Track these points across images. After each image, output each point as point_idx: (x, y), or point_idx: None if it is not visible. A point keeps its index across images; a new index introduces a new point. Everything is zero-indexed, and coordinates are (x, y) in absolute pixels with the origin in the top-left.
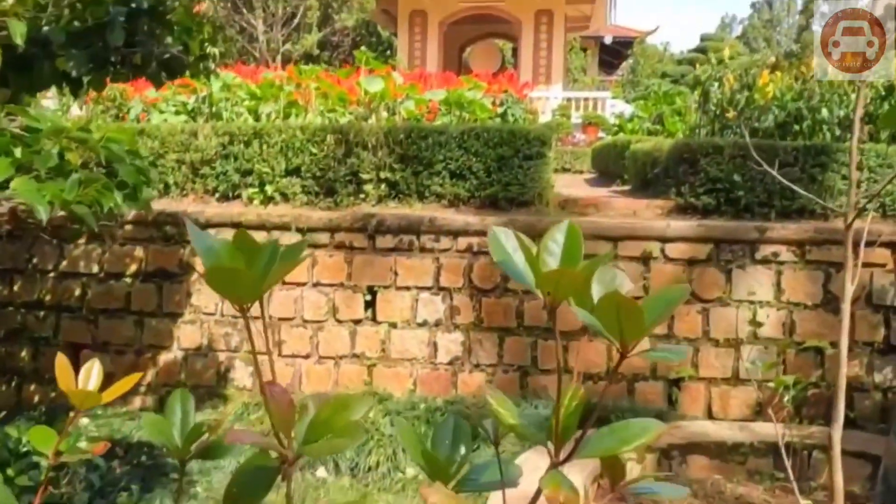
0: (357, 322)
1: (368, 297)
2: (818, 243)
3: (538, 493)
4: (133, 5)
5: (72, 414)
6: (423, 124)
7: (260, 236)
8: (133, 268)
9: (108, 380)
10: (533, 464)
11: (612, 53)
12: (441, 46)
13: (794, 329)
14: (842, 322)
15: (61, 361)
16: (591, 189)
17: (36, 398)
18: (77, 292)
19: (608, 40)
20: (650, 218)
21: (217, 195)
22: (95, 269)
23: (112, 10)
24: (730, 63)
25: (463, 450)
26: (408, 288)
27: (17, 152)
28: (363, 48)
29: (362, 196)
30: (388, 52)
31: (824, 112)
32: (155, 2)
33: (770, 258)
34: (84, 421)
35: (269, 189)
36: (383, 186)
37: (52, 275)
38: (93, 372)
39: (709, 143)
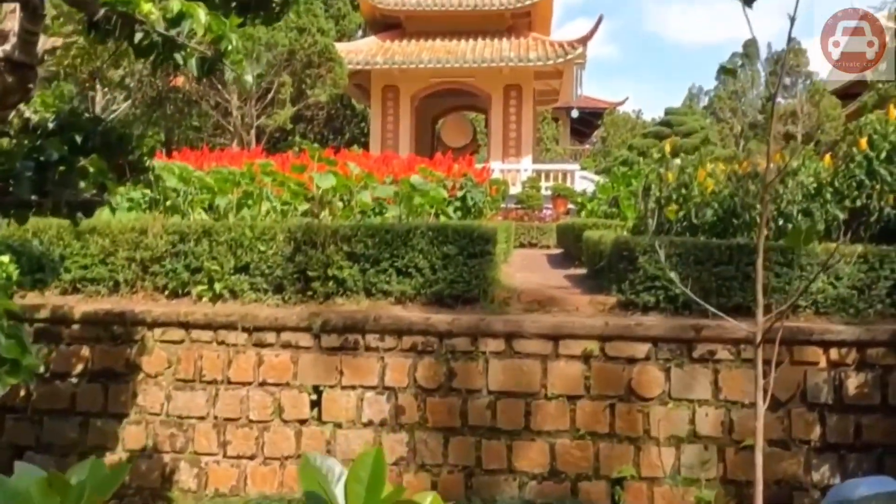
0: (303, 422)
1: (314, 397)
2: (751, 341)
3: None
4: (42, 158)
5: None
6: (369, 223)
7: (206, 335)
8: (79, 368)
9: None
10: None
11: (584, 123)
12: (413, 119)
13: (733, 428)
14: (756, 435)
15: None
16: (550, 271)
17: None
18: (22, 392)
19: (575, 114)
20: (592, 314)
21: (167, 292)
22: (41, 369)
23: (20, 164)
24: (692, 137)
25: None
26: (353, 387)
27: None
28: (312, 145)
29: (310, 293)
30: (363, 123)
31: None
32: (66, 152)
33: (707, 356)
34: None
35: (217, 286)
36: (331, 284)
37: None
38: None
39: (647, 241)
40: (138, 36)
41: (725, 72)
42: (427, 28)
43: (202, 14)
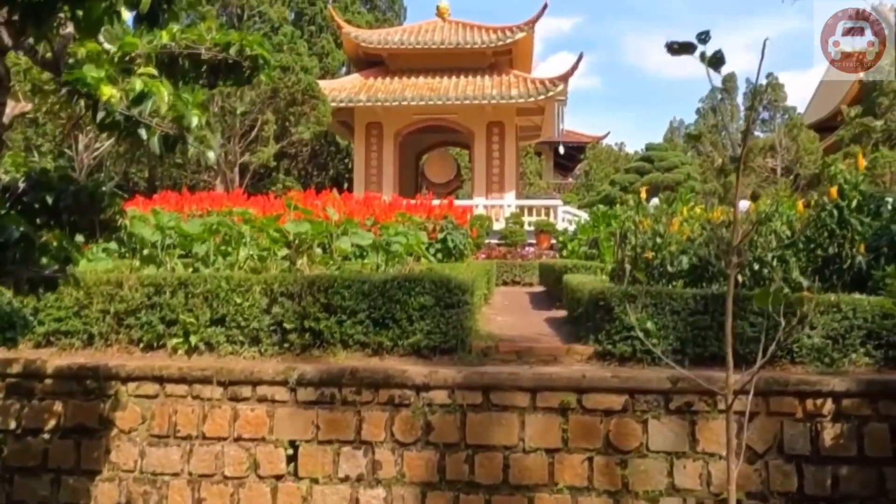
0: (279, 478)
1: (290, 452)
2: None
3: None
4: (2, 239)
5: None
6: (346, 273)
7: (181, 389)
8: (52, 423)
9: None
10: None
11: (567, 156)
12: (397, 155)
13: (711, 480)
14: (729, 494)
15: None
16: (531, 313)
17: None
18: None
19: (561, 150)
20: (570, 364)
21: (142, 345)
22: (13, 425)
23: None
24: (674, 173)
25: None
26: (330, 442)
27: None
28: (295, 182)
29: (287, 345)
30: (347, 159)
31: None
32: (28, 229)
33: (684, 408)
34: None
35: (193, 339)
36: (307, 336)
37: None
38: None
39: (622, 292)
40: (101, 114)
41: (690, 137)
42: (410, 66)
43: (165, 93)
